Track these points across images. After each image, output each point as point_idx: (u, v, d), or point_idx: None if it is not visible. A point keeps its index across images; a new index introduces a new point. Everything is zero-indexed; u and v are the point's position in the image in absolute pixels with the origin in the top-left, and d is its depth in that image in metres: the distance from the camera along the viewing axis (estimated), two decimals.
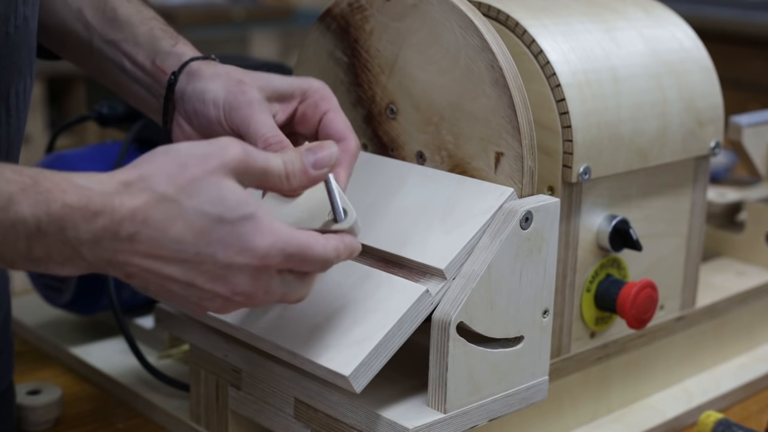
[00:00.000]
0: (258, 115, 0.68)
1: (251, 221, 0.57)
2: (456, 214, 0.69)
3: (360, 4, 0.76)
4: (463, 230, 0.67)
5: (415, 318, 0.65)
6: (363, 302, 0.66)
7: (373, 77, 0.77)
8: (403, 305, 0.65)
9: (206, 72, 0.71)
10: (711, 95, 0.84)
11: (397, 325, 0.64)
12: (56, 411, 0.82)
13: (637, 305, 0.77)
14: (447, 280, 0.66)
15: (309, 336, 0.66)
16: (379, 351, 0.64)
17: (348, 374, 0.62)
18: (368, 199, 0.73)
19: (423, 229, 0.69)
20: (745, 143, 1.01)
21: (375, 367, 0.64)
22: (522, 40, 0.75)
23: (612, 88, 0.76)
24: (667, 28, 0.84)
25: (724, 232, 1.06)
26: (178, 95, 0.72)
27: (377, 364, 0.64)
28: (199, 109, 0.70)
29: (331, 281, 0.68)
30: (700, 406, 0.87)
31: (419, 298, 0.65)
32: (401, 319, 0.64)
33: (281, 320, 0.68)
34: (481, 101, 0.70)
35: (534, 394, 0.71)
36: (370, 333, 0.64)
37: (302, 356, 0.66)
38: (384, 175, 0.75)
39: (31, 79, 0.70)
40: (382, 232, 0.71)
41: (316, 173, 0.61)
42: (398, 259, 0.69)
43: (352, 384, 0.63)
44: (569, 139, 0.73)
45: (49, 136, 1.02)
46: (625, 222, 0.77)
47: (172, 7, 2.88)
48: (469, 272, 0.66)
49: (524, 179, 0.69)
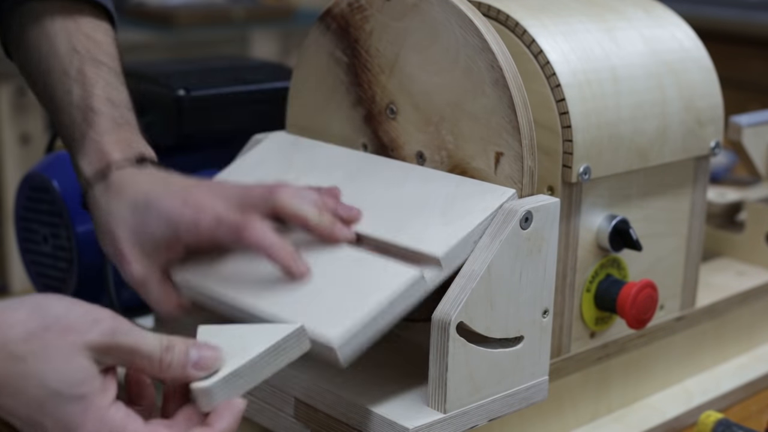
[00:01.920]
0: (143, 293, 0.70)
1: (83, 403, 0.55)
2: (456, 210, 0.69)
3: (360, 4, 0.76)
4: (463, 223, 0.67)
5: (407, 300, 0.64)
6: (355, 283, 0.66)
7: (373, 77, 0.77)
8: (396, 286, 0.64)
9: (97, 218, 0.72)
10: (711, 95, 0.84)
11: (389, 305, 0.63)
12: None
13: (637, 305, 0.77)
14: (443, 269, 0.66)
15: (295, 309, 0.65)
16: (369, 327, 0.63)
17: (336, 346, 0.61)
18: (366, 194, 0.73)
19: (421, 220, 0.69)
20: (745, 143, 1.01)
21: (362, 342, 0.63)
22: (522, 40, 0.75)
23: (612, 87, 0.76)
24: (667, 28, 0.84)
25: (724, 232, 1.05)
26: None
27: (365, 340, 0.63)
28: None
29: (322, 264, 0.68)
30: (700, 406, 0.87)
31: (414, 282, 0.64)
32: (394, 299, 0.63)
33: (267, 293, 0.67)
34: (481, 101, 0.70)
35: (534, 394, 0.71)
36: (360, 308, 0.63)
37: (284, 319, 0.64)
38: (383, 175, 0.75)
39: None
40: (378, 221, 0.70)
41: (194, 373, 0.59)
42: (393, 246, 0.68)
43: (339, 355, 0.61)
44: (569, 139, 0.73)
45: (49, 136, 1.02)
46: (625, 222, 0.77)
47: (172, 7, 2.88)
48: (469, 272, 0.66)
49: (524, 179, 0.69)
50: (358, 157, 0.78)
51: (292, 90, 0.84)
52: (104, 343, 0.56)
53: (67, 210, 0.87)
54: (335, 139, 0.81)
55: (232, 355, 0.60)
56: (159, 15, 2.82)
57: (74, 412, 0.55)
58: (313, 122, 0.83)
